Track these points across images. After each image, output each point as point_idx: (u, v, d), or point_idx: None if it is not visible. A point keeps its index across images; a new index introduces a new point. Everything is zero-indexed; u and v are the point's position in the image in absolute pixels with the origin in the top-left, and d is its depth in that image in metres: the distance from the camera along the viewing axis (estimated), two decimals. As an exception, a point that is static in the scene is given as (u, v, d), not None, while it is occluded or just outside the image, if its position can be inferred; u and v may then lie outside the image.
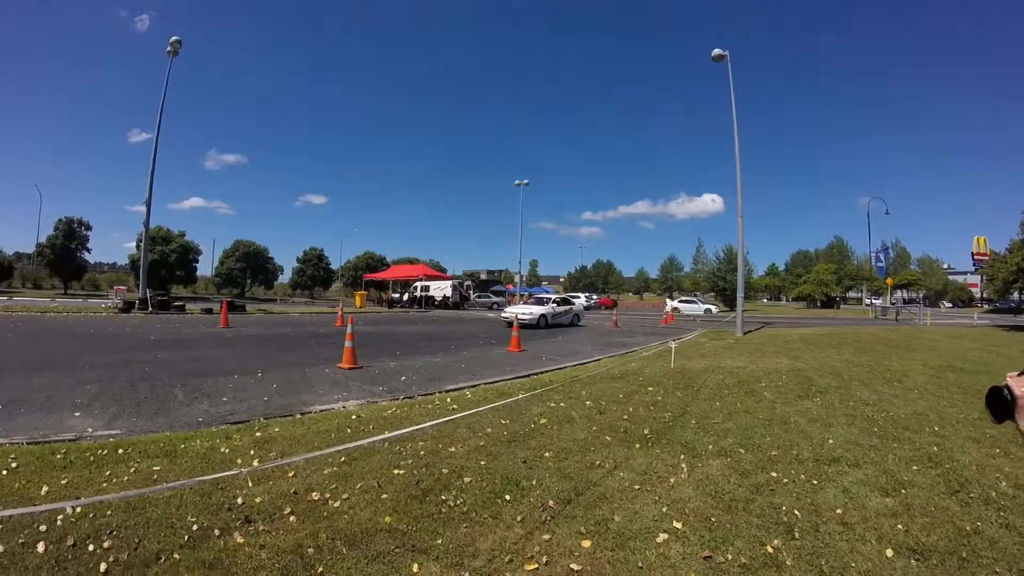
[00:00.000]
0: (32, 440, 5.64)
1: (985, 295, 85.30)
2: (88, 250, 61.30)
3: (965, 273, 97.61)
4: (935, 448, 6.05)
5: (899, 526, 4.05)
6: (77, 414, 6.89)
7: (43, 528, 3.53)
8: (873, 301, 60.47)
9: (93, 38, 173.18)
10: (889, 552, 3.63)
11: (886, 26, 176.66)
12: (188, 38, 29.06)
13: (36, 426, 6.26)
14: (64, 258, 57.54)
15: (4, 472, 4.60)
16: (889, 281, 59.95)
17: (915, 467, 5.41)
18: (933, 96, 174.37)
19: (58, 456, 5.05)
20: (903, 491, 4.77)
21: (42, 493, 4.19)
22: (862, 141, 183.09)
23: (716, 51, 24.31)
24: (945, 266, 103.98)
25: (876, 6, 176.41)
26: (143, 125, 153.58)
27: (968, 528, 4.02)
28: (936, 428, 6.96)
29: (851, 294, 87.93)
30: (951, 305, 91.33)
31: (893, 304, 54.70)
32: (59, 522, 3.63)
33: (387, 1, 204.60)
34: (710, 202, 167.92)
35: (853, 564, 3.48)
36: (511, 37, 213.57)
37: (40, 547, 3.31)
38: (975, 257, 67.94)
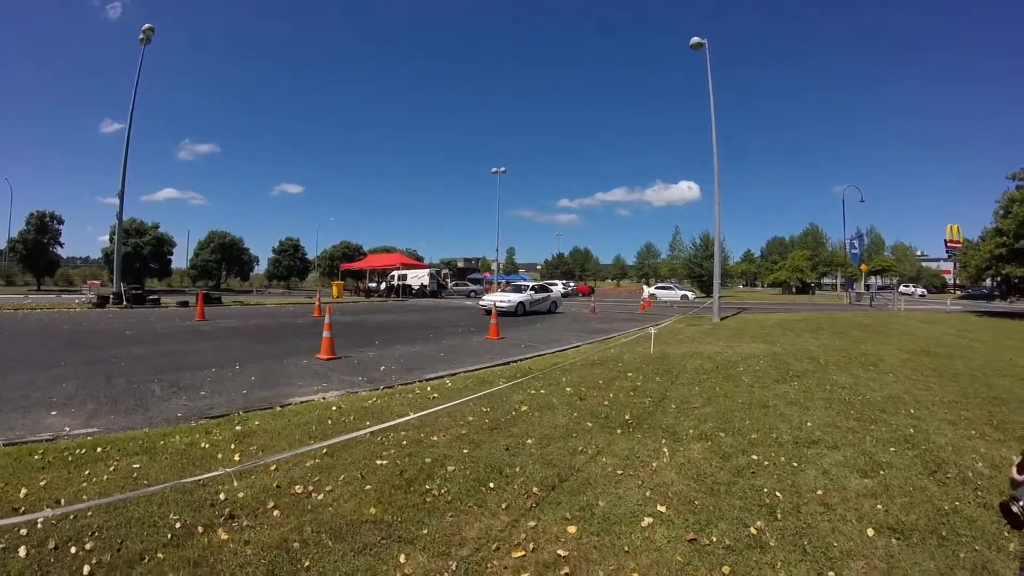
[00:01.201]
0: (8, 441, 5.54)
1: (958, 281, 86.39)
2: (61, 244, 59.99)
3: (938, 260, 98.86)
4: (912, 430, 6.16)
5: (879, 506, 4.12)
6: (54, 413, 6.78)
7: (24, 532, 3.48)
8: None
9: (63, 26, 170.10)
10: (870, 531, 3.70)
11: (862, 16, 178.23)
12: (160, 26, 28.53)
13: (12, 426, 6.15)
14: (36, 253, 56.32)
15: (-19, 475, 4.53)
16: (864, 267, 60.59)
17: (892, 449, 5.50)
18: (908, 86, 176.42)
19: (36, 457, 4.97)
20: (882, 472, 4.85)
21: (21, 496, 4.13)
22: (838, 130, 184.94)
23: (695, 39, 24.20)
24: (919, 253, 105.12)
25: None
26: (115, 115, 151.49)
27: (947, 507, 4.10)
28: (912, 411, 7.08)
29: (826, 280, 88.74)
30: (923, 292, 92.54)
31: (867, 289, 55.27)
32: (40, 525, 3.57)
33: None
34: (686, 189, 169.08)
35: (835, 544, 3.53)
36: (487, 25, 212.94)
37: (22, 551, 3.26)
38: (948, 244, 69.00)
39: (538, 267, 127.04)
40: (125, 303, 26.57)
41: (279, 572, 3.15)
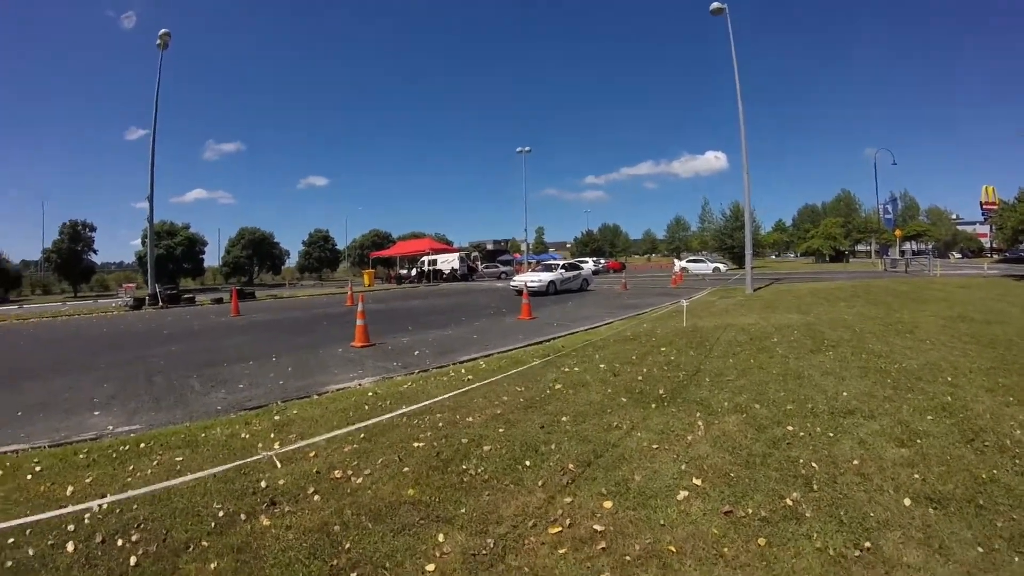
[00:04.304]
0: (54, 442, 5.70)
1: (995, 245, 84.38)
2: (94, 251, 61.05)
3: (974, 223, 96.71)
4: (949, 398, 6.06)
5: (916, 475, 4.09)
6: (96, 413, 6.96)
7: (71, 528, 3.59)
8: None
9: (81, 40, 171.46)
10: (907, 501, 3.67)
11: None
12: (175, 30, 28.64)
13: (57, 428, 6.32)
14: (71, 261, 57.38)
15: (29, 476, 4.66)
16: (898, 232, 59.50)
17: (930, 417, 5.43)
18: (938, 45, 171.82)
19: (80, 456, 5.11)
20: (919, 441, 4.79)
21: (67, 493, 4.27)
22: (868, 92, 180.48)
23: (715, 4, 23.61)
24: (954, 216, 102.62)
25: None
26: (139, 122, 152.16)
27: (984, 476, 4.04)
28: (949, 378, 6.95)
29: (860, 247, 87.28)
30: (960, 255, 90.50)
31: (902, 255, 54.20)
32: (87, 520, 3.69)
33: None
34: (713, 159, 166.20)
35: (872, 514, 3.51)
36: (508, 3, 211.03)
37: (70, 547, 3.37)
38: (984, 207, 67.46)
39: (568, 245, 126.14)
40: (161, 304, 26.96)
41: (321, 555, 3.22)
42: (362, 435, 5.26)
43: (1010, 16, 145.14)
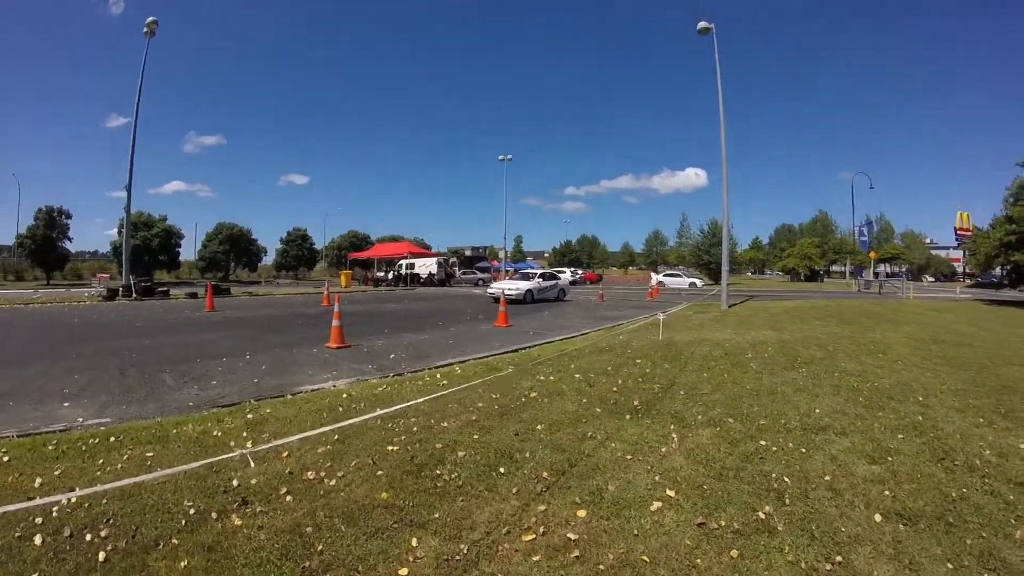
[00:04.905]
0: (23, 433, 5.59)
1: (967, 270, 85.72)
2: (69, 239, 59.83)
3: (948, 248, 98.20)
4: (920, 417, 6.16)
5: (886, 492, 4.14)
6: (67, 404, 6.84)
7: (39, 520, 3.52)
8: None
9: (67, 23, 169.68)
10: (877, 517, 3.71)
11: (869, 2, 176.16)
12: (162, 19, 28.31)
13: (26, 418, 6.19)
14: (46, 248, 56.23)
15: (-3, 466, 4.58)
16: (873, 255, 60.25)
17: (900, 435, 5.51)
18: (917, 72, 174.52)
19: (50, 447, 5.01)
20: (889, 458, 4.86)
21: (36, 485, 4.18)
22: (847, 116, 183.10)
23: (702, 24, 23.72)
24: (928, 240, 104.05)
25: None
26: (120, 110, 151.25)
27: (954, 494, 4.11)
28: (920, 398, 7.06)
29: (835, 267, 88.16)
30: (933, 279, 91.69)
31: (876, 277, 54.86)
32: (55, 513, 3.62)
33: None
34: (694, 176, 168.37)
35: (843, 529, 3.55)
36: (492, 12, 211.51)
37: (37, 540, 3.30)
38: (958, 232, 68.58)
39: (546, 255, 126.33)
40: (135, 295, 26.64)
41: (293, 556, 3.19)
42: (336, 437, 5.23)
43: (987, 43, 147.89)
